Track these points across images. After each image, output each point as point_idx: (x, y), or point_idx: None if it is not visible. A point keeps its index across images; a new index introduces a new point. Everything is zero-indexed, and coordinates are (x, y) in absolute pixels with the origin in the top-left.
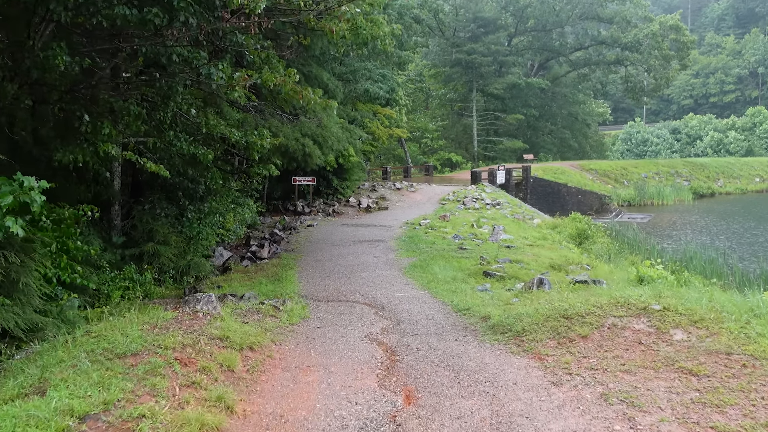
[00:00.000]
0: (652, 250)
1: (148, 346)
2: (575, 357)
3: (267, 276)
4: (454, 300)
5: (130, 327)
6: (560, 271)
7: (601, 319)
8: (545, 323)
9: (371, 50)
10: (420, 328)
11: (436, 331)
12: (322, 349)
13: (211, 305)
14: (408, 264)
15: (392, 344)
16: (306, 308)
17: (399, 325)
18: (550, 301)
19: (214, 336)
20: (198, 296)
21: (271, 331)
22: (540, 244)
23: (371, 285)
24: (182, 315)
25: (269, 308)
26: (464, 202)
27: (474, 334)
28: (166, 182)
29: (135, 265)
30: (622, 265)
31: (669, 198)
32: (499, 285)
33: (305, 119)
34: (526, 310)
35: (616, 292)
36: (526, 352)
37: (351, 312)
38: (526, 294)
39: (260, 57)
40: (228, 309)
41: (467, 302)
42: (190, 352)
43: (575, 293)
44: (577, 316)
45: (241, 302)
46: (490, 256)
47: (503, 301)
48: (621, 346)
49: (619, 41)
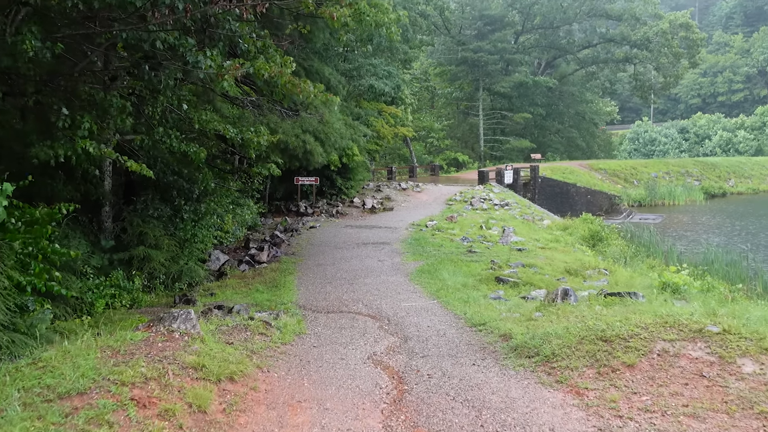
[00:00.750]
0: (669, 253)
1: (101, 382)
2: (623, 393)
3: (264, 282)
4: (467, 312)
5: (85, 354)
6: (577, 277)
7: (648, 343)
8: (580, 347)
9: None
10: (431, 347)
11: (450, 351)
12: (318, 377)
13: (190, 323)
14: (415, 269)
15: (399, 368)
16: (302, 322)
17: (407, 342)
18: (582, 318)
19: (188, 364)
20: (175, 313)
21: (259, 353)
22: (552, 246)
23: (375, 293)
24: (154, 336)
25: (259, 325)
26: (472, 202)
27: (494, 357)
28: (160, 182)
29: (123, 270)
30: (639, 269)
31: (680, 198)
32: (513, 292)
33: (306, 115)
34: (555, 329)
35: (661, 308)
36: (560, 383)
37: (353, 326)
38: (550, 307)
39: (256, 46)
40: (212, 326)
41: (482, 315)
42: (153, 388)
43: (610, 309)
44: (619, 339)
45: (228, 317)
46: (502, 260)
47: (524, 315)
48: (678, 379)
49: (628, 39)
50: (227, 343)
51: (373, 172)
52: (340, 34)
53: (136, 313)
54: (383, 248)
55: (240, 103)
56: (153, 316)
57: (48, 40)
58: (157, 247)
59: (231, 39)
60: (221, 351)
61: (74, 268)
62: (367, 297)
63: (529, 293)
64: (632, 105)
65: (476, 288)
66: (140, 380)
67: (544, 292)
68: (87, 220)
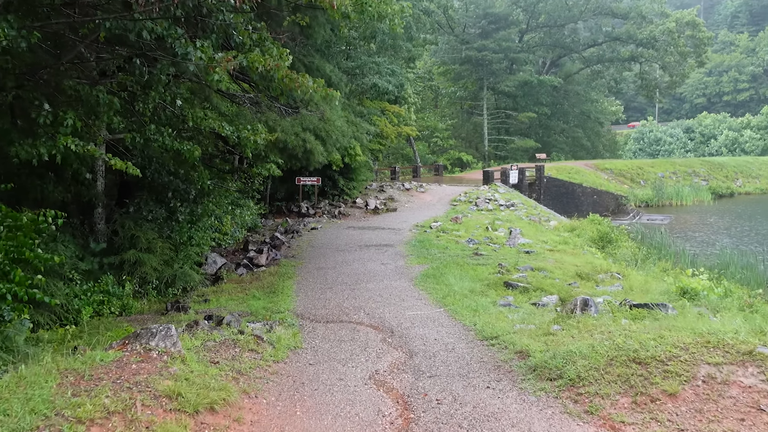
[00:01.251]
0: (681, 256)
1: (53, 419)
2: (667, 429)
3: (262, 287)
4: (477, 323)
5: (43, 381)
6: (588, 281)
7: (690, 367)
8: (609, 369)
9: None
10: (439, 364)
11: (461, 370)
12: (312, 403)
13: (170, 341)
14: (419, 272)
15: (405, 391)
16: (298, 335)
17: (412, 359)
18: (609, 335)
19: (162, 392)
20: (153, 329)
21: (247, 374)
22: (561, 248)
23: (378, 300)
24: (129, 356)
25: (249, 340)
26: (477, 203)
27: (510, 378)
28: (155, 182)
29: (114, 275)
30: (652, 272)
31: (688, 198)
32: (524, 298)
33: (306, 112)
34: (578, 347)
35: (698, 324)
36: (590, 414)
37: (354, 338)
38: (569, 320)
39: (251, 39)
40: (197, 341)
41: (494, 326)
42: (116, 425)
43: (639, 324)
44: (655, 362)
45: (216, 331)
46: (509, 263)
47: (541, 328)
48: (731, 413)
49: (634, 37)
50: (212, 362)
51: (376, 172)
52: (341, 26)
53: (124, 321)
54: (386, 251)
55: (237, 101)
56: (141, 325)
57: (23, 29)
58: (150, 251)
59: (225, 31)
60: (203, 373)
61: (60, 273)
62: (370, 304)
63: (540, 299)
64: (636, 105)
65: (484, 294)
66: (101, 415)
67: (556, 298)
68: (78, 222)
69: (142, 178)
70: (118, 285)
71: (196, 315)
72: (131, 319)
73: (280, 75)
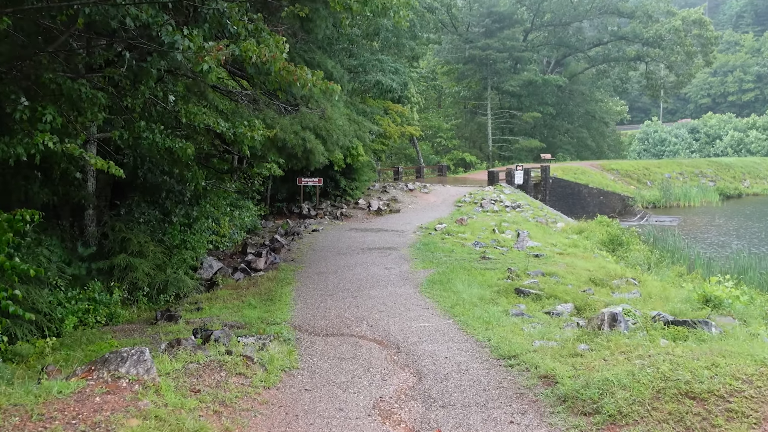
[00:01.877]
0: (696, 259)
1: None
2: None
3: (259, 294)
4: (491, 338)
5: None
6: (603, 287)
7: (758, 405)
8: (657, 405)
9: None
10: (452, 389)
11: (477, 398)
12: None
13: (143, 366)
14: (425, 278)
15: (415, 425)
16: (294, 352)
17: (422, 382)
18: (651, 360)
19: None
20: (124, 353)
21: (232, 406)
22: (571, 252)
23: (382, 309)
24: (93, 386)
25: (238, 361)
26: (482, 204)
27: (536, 410)
28: (148, 182)
29: (102, 281)
30: (667, 277)
31: (695, 199)
32: (536, 306)
33: (306, 110)
34: (615, 374)
35: (756, 349)
36: None
37: (356, 355)
38: (597, 337)
39: (247, 29)
40: (177, 364)
41: (510, 343)
42: None
43: (681, 346)
44: (714, 397)
45: (201, 351)
46: (519, 268)
47: (565, 347)
48: None
49: (640, 36)
50: (192, 390)
51: (379, 172)
52: (342, 19)
53: (110, 332)
54: (390, 254)
55: (234, 98)
56: (128, 336)
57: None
58: (142, 255)
59: (218, 21)
60: (179, 407)
61: (42, 280)
62: (373, 314)
63: (554, 308)
64: (641, 105)
65: (494, 302)
66: None
67: (571, 307)
68: (68, 225)
69: (135, 179)
70: (106, 292)
71: (186, 326)
72: (118, 329)
73: (277, 67)
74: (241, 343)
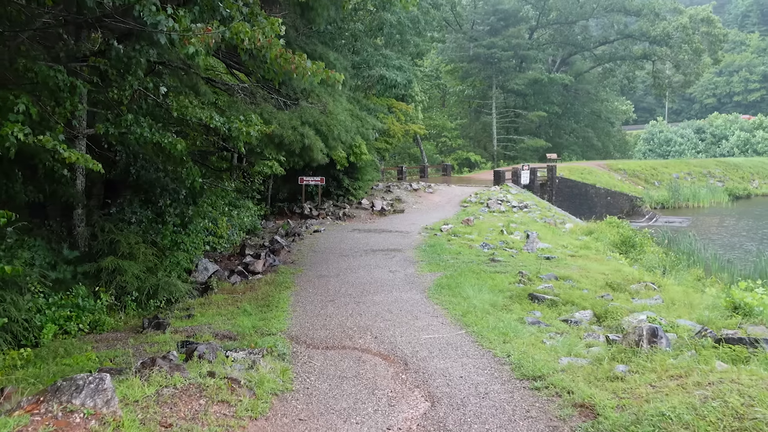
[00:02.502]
0: (713, 262)
1: None
2: None
3: (256, 299)
4: (510, 352)
5: None
6: (622, 292)
7: None
8: None
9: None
10: (471, 419)
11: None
12: None
13: (102, 397)
14: (432, 282)
15: None
16: (288, 371)
17: (435, 409)
18: (715, 391)
19: None
20: (80, 380)
21: None
22: (583, 254)
23: (388, 317)
24: (39, 421)
25: (221, 385)
26: (488, 204)
27: None
28: (141, 180)
29: (89, 285)
30: (685, 280)
31: (704, 200)
32: (552, 313)
33: (306, 104)
34: (672, 408)
35: None
36: None
37: (359, 373)
38: (636, 357)
39: (241, 11)
40: (149, 390)
41: (534, 360)
42: None
43: (745, 372)
44: None
45: (178, 373)
46: (531, 271)
47: (600, 367)
48: None
49: (647, 34)
50: (162, 425)
51: (383, 172)
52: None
53: (92, 341)
54: (395, 256)
55: (229, 90)
56: (109, 346)
57: None
58: (132, 257)
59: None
60: None
61: (20, 284)
62: (378, 323)
63: (572, 315)
64: (645, 105)
65: (508, 309)
66: None
67: (590, 314)
68: (56, 225)
69: (128, 176)
70: (91, 297)
71: (174, 335)
72: (102, 338)
73: (273, 54)
74: (230, 358)
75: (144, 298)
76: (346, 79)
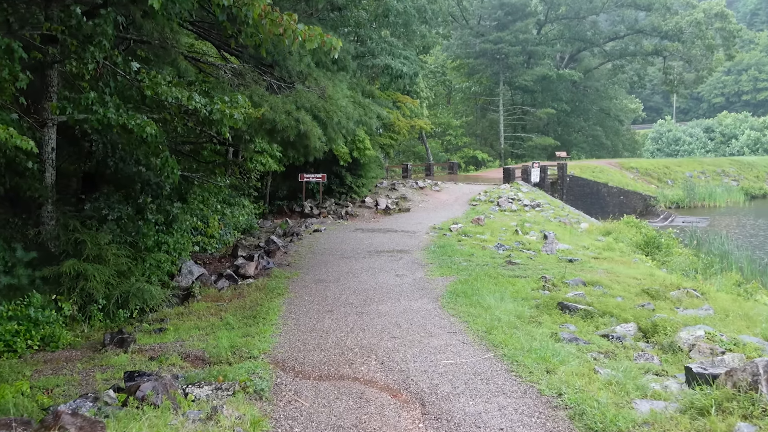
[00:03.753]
0: (747, 265)
1: None
2: None
3: (242, 308)
4: (561, 389)
5: None
6: (663, 301)
7: None
8: None
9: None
10: None
11: None
12: None
13: None
14: (445, 288)
15: None
16: (263, 421)
17: None
18: None
19: None
20: None
21: None
22: (607, 256)
23: (396, 333)
24: None
25: None
26: (499, 203)
27: None
28: (119, 174)
29: (46, 293)
30: (724, 286)
31: (720, 199)
32: (589, 326)
33: (302, 88)
34: None
35: None
36: None
37: (360, 421)
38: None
39: None
40: None
41: (599, 405)
42: None
43: None
44: None
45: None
46: (554, 276)
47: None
48: None
49: (658, 29)
50: None
51: (387, 169)
52: None
53: (39, 362)
54: (401, 258)
55: (215, 71)
56: (55, 369)
57: None
58: (100, 260)
59: None
60: None
61: None
62: (384, 342)
63: (613, 329)
64: (653, 104)
65: (536, 321)
66: None
67: (634, 328)
68: (21, 222)
69: (105, 170)
70: (49, 306)
71: (136, 355)
72: (52, 357)
73: (256, 13)
74: (189, 398)
75: (113, 307)
76: (348, 64)
